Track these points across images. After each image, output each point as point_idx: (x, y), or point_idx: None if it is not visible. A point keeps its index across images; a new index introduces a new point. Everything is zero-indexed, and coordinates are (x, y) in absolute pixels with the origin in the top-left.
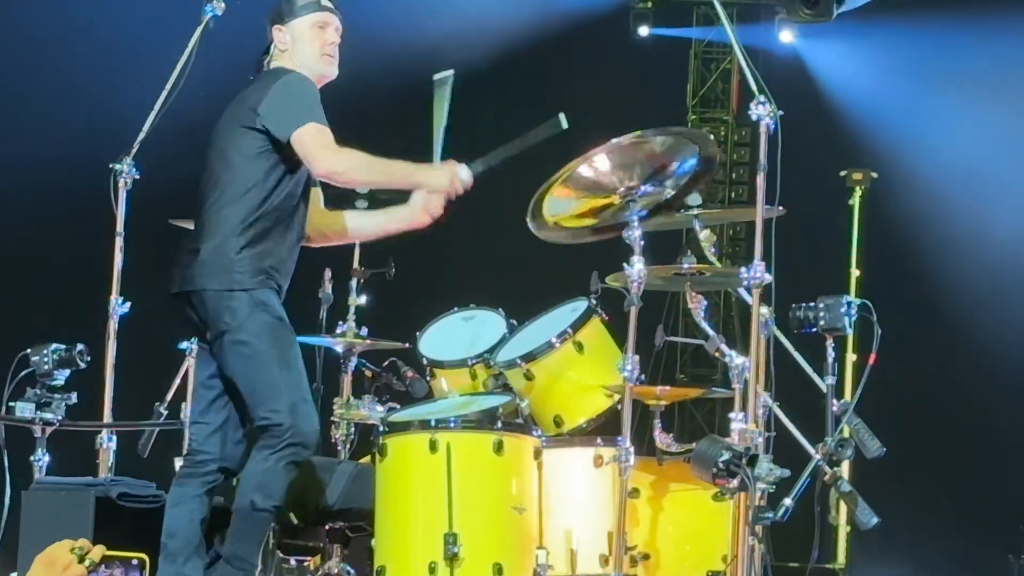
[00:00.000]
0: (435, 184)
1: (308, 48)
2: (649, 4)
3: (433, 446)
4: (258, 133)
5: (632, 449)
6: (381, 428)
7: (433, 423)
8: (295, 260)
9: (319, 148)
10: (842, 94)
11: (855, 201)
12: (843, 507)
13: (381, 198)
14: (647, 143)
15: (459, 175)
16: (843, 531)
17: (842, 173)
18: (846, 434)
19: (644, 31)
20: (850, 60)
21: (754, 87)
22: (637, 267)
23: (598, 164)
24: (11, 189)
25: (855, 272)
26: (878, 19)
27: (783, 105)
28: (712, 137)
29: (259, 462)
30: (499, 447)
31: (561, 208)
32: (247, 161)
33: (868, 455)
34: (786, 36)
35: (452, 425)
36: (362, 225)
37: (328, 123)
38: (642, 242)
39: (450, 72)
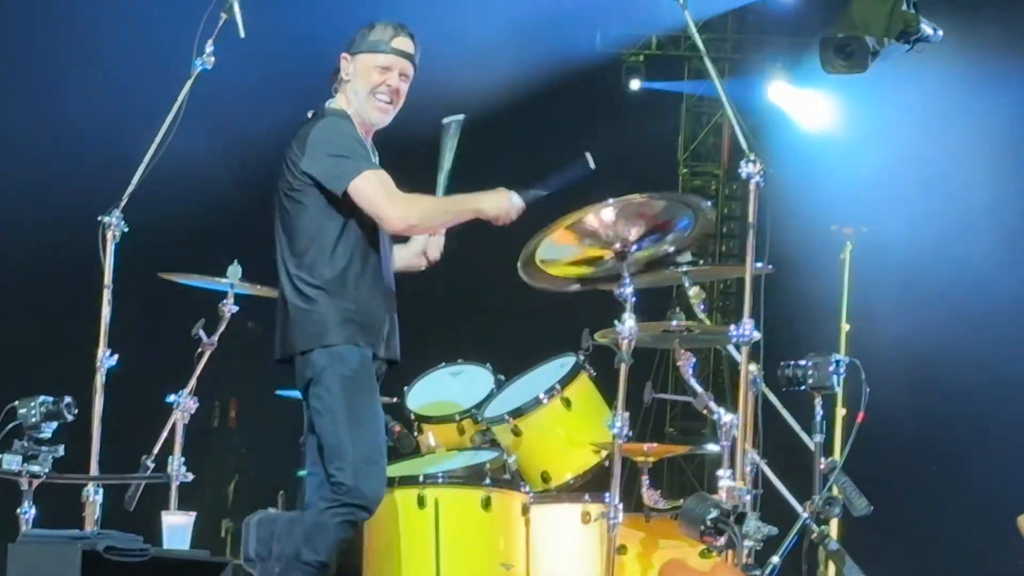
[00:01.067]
0: (494, 209)
1: (362, 84)
2: (641, 57)
3: (421, 501)
4: (309, 188)
5: (620, 505)
6: None
7: (421, 478)
8: (392, 304)
9: (385, 199)
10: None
11: (845, 255)
12: (831, 565)
13: None
14: (651, 204)
15: (512, 201)
16: None
17: (832, 227)
18: (834, 492)
19: (636, 84)
20: (841, 113)
21: (744, 145)
22: (628, 324)
23: (602, 215)
24: None
25: (845, 326)
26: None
27: (773, 159)
28: (709, 204)
29: (315, 513)
30: (487, 503)
31: (555, 253)
32: (306, 215)
33: (856, 514)
34: (777, 90)
35: (440, 481)
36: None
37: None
38: (633, 299)
39: (460, 116)
